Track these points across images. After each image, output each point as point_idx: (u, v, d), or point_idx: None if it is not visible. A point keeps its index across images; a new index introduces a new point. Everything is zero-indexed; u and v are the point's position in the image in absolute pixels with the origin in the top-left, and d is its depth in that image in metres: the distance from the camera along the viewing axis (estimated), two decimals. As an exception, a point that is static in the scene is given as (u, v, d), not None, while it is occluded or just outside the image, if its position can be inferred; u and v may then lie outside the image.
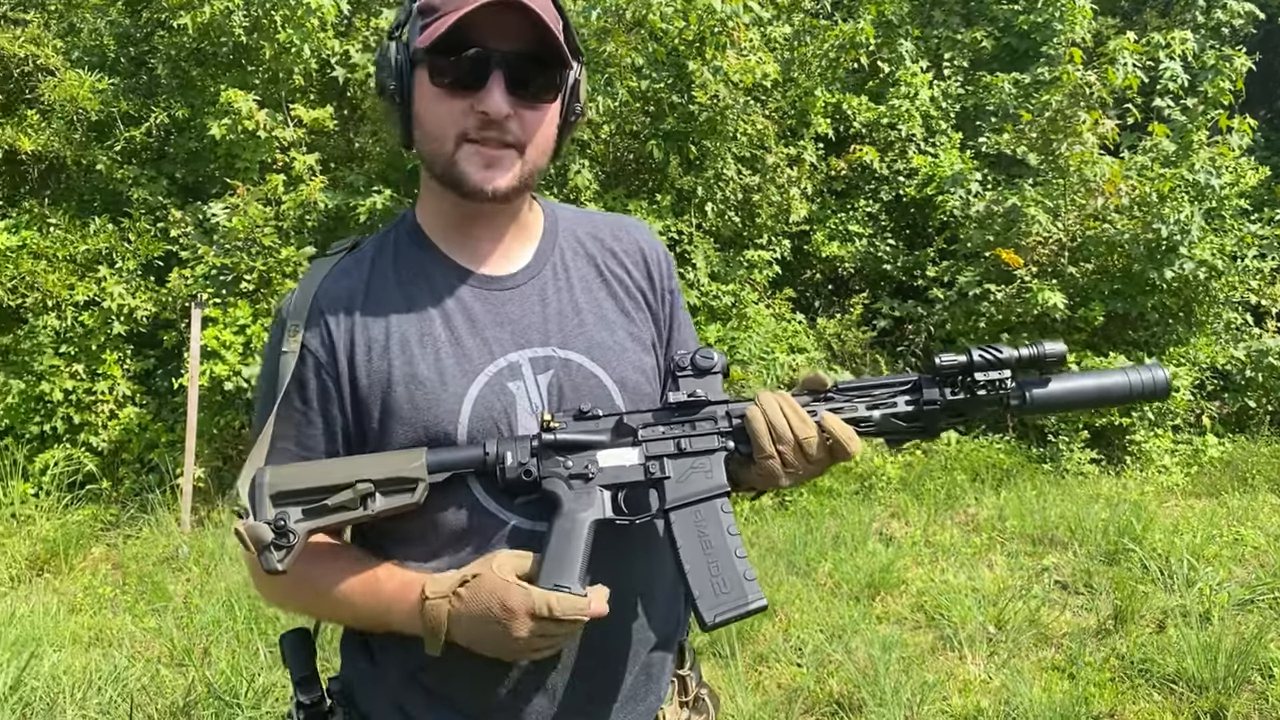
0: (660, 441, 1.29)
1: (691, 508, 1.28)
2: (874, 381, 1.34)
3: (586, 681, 1.33)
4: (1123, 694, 3.70)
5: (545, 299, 1.37)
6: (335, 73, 6.94)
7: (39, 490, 6.39)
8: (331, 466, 1.24)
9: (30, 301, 6.47)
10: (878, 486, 6.50)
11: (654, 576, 1.39)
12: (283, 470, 1.21)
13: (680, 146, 7.48)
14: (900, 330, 8.53)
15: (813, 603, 4.66)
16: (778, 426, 1.26)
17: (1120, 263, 7.54)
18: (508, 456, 1.24)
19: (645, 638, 1.38)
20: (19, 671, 3.75)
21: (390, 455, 1.24)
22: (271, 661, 3.98)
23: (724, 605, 1.26)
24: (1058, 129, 7.62)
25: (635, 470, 1.28)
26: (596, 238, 1.47)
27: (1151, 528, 5.25)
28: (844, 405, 1.32)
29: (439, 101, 1.25)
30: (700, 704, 1.51)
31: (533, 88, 1.26)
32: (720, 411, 1.31)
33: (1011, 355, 1.31)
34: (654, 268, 1.48)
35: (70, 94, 6.64)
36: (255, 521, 1.16)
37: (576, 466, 1.26)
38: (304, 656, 1.35)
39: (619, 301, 1.43)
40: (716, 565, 1.28)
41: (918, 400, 1.32)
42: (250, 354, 6.32)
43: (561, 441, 1.25)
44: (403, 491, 1.22)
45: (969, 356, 1.31)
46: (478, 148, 1.26)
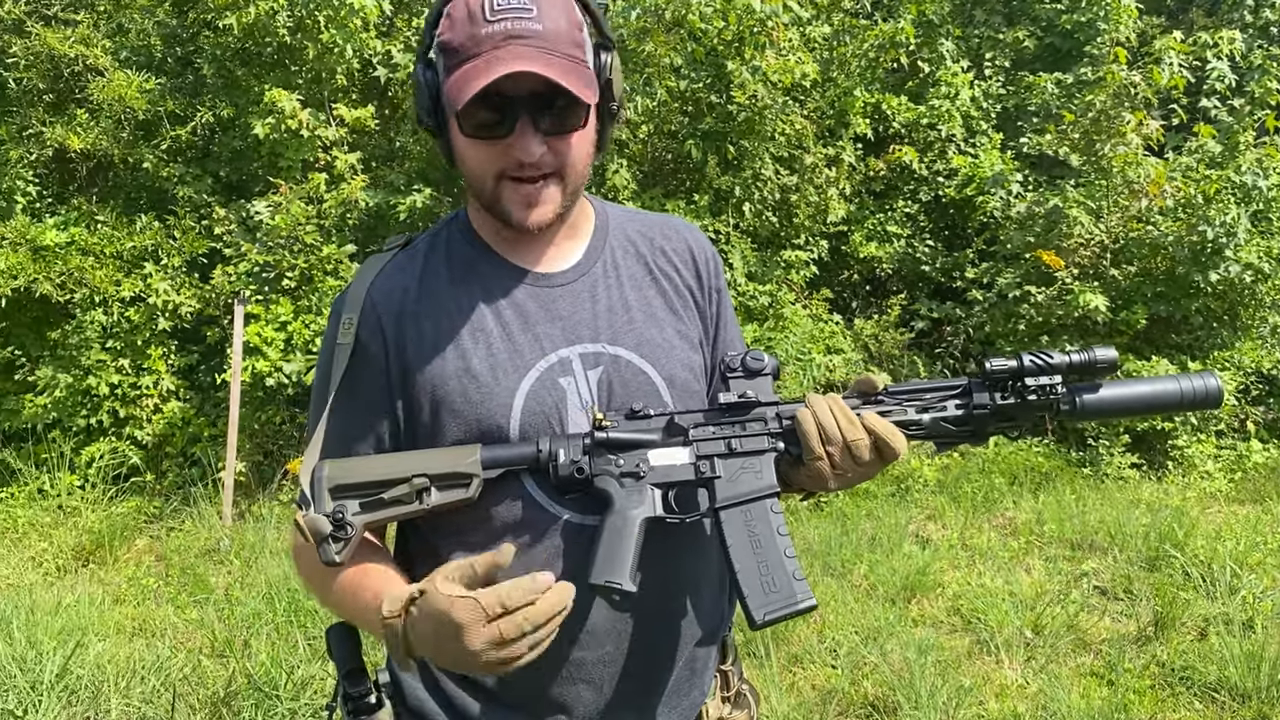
0: (711, 441, 1.30)
1: (741, 507, 1.29)
2: (924, 385, 1.34)
3: (632, 676, 1.34)
4: (1163, 701, 3.66)
5: (596, 295, 1.39)
6: (377, 72, 7.00)
7: (85, 482, 6.51)
8: (388, 461, 1.26)
9: (78, 297, 6.58)
10: (914, 489, 6.46)
11: (701, 573, 1.40)
12: (341, 464, 1.24)
13: (718, 146, 7.47)
14: (938, 332, 8.47)
15: (848, 604, 4.64)
16: (827, 428, 1.26)
17: (1164, 265, 7.43)
18: (560, 454, 1.26)
19: (691, 633, 1.40)
20: (65, 660, 3.82)
21: (446, 451, 1.27)
22: (310, 654, 4.03)
23: (773, 604, 1.26)
24: (1101, 129, 7.52)
25: (686, 469, 1.29)
26: (646, 236, 1.48)
27: (1194, 534, 5.18)
28: (893, 409, 1.32)
29: (473, 147, 1.27)
30: (741, 699, 1.52)
31: (561, 122, 1.26)
32: (770, 413, 1.31)
33: (1062, 360, 1.31)
34: (702, 267, 1.50)
35: (118, 93, 6.75)
36: (314, 514, 1.19)
37: (628, 465, 1.27)
38: (351, 649, 1.36)
39: (668, 299, 1.44)
40: (766, 565, 1.28)
41: (967, 405, 1.32)
42: (291, 350, 6.39)
43: (613, 440, 1.26)
44: (457, 487, 1.24)
45: (1019, 361, 1.30)
46: (518, 186, 1.28)
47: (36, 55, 6.86)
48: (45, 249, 6.57)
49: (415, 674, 1.38)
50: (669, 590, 1.34)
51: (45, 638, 4.09)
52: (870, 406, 1.32)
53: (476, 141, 1.26)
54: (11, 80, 7.06)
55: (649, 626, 1.33)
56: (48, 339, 6.80)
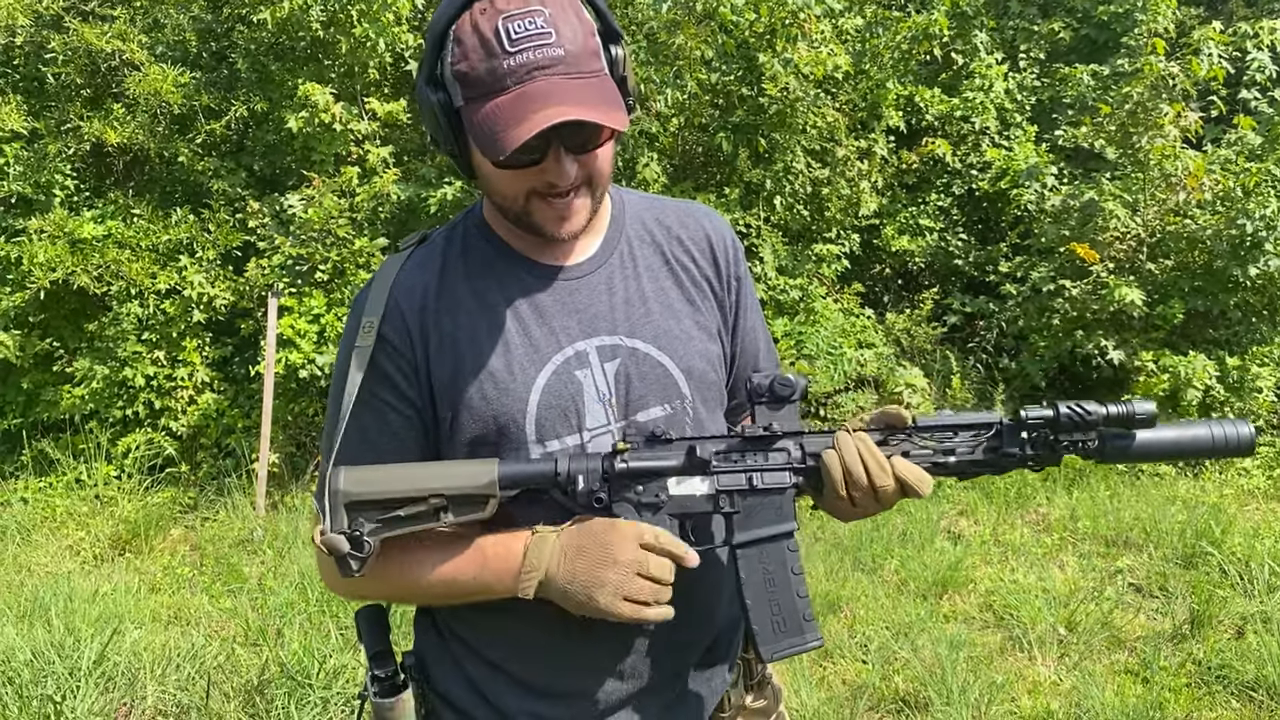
0: (732, 474, 1.28)
1: (758, 546, 1.29)
2: (953, 421, 1.32)
3: (653, 664, 1.35)
4: (1199, 700, 3.61)
5: (612, 288, 1.38)
6: (409, 66, 7.03)
7: (121, 473, 6.59)
8: (404, 475, 1.24)
9: (115, 289, 6.66)
10: (946, 484, 6.41)
11: (725, 566, 1.39)
12: (357, 475, 1.23)
13: (749, 139, 7.44)
14: (971, 326, 8.39)
15: (878, 600, 4.62)
16: (854, 474, 1.24)
17: (1201, 259, 7.32)
18: (579, 480, 1.24)
19: (712, 623, 1.41)
20: (102, 647, 3.87)
21: (463, 467, 1.25)
22: (343, 644, 4.06)
23: (781, 644, 1.29)
24: (1138, 122, 7.42)
25: (705, 501, 1.28)
26: (663, 224, 1.46)
27: (1231, 531, 5.10)
28: (919, 450, 1.30)
29: (503, 174, 1.24)
30: (765, 686, 1.52)
31: (591, 140, 1.24)
32: (794, 447, 1.29)
33: (1099, 414, 1.28)
34: (720, 254, 1.47)
35: (154, 88, 6.82)
36: (332, 534, 1.18)
37: (647, 495, 1.26)
38: (379, 632, 1.39)
39: (685, 290, 1.42)
40: (778, 605, 1.29)
41: (997, 449, 1.30)
42: (324, 343, 6.44)
43: (633, 470, 1.25)
44: (474, 507, 1.23)
45: (1056, 412, 1.28)
46: (549, 203, 1.26)
47: (74, 51, 6.95)
48: (83, 242, 6.66)
49: (440, 657, 1.40)
50: (691, 579, 1.34)
51: (83, 625, 4.16)
52: (896, 443, 1.30)
53: (505, 174, 1.24)
54: (50, 75, 7.15)
55: (673, 619, 1.32)
56: (85, 331, 6.89)
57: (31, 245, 6.50)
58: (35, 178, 6.94)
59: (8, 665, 3.69)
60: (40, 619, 4.28)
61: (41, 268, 6.41)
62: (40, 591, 4.63)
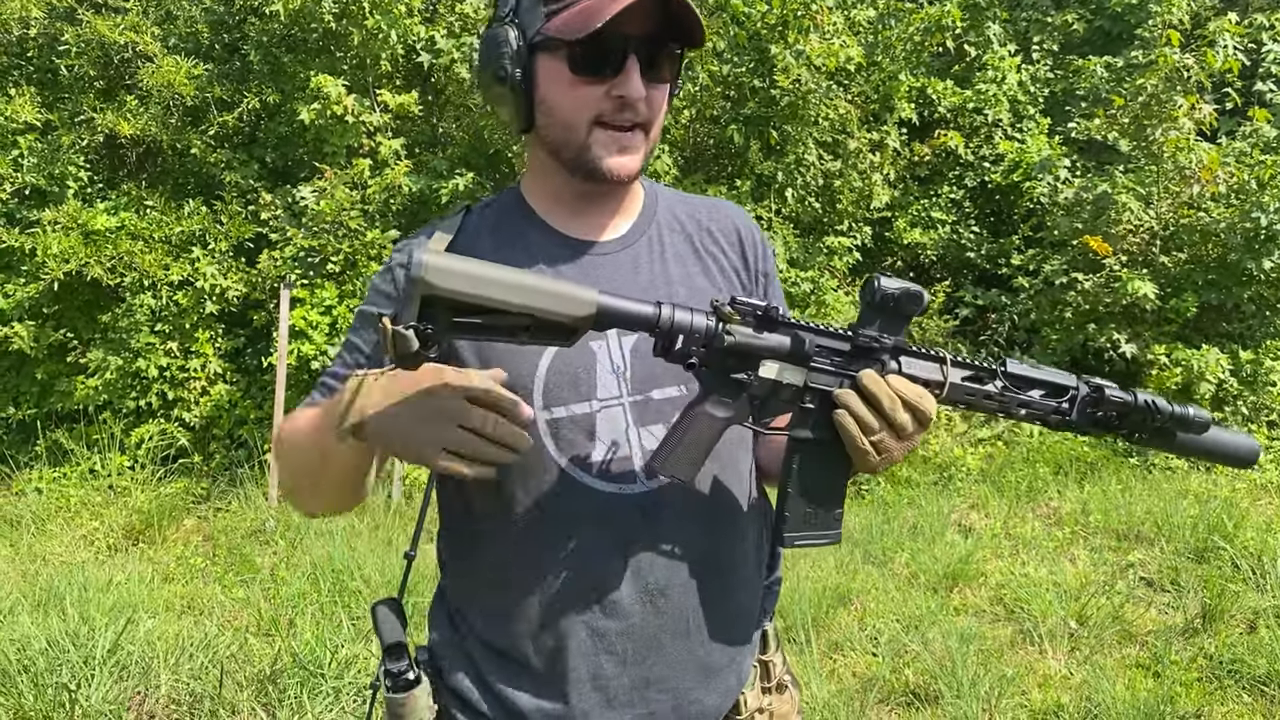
0: (827, 375, 1.24)
1: (822, 445, 1.26)
2: (1036, 375, 1.32)
3: (663, 653, 1.33)
4: (1210, 694, 3.60)
5: (638, 267, 1.38)
6: (420, 58, 7.03)
7: (135, 463, 6.62)
8: (497, 279, 1.09)
9: (128, 281, 6.68)
10: (957, 477, 6.41)
11: (738, 554, 1.39)
12: (444, 265, 1.06)
13: (761, 131, 7.43)
14: (983, 319, 8.37)
15: (889, 592, 4.62)
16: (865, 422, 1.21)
17: (1215, 252, 7.29)
18: (679, 338, 1.18)
19: (727, 613, 1.38)
20: (116, 636, 3.90)
21: (562, 286, 1.13)
22: (354, 634, 4.08)
23: (805, 534, 1.28)
24: (1152, 114, 7.38)
25: (789, 391, 1.24)
26: (694, 217, 1.48)
27: (1243, 525, 5.09)
28: (998, 394, 1.30)
29: (574, 88, 1.25)
30: (783, 689, 1.51)
31: (659, 71, 1.27)
32: (891, 362, 1.25)
33: (1167, 413, 1.33)
34: (749, 249, 1.48)
35: (167, 79, 6.84)
36: (403, 329, 1.06)
37: (738, 369, 1.22)
38: (393, 625, 1.37)
39: (711, 278, 1.43)
40: (815, 501, 1.28)
41: (1064, 414, 1.33)
42: (336, 334, 6.46)
43: (736, 344, 1.20)
44: (560, 336, 1.13)
45: (1134, 400, 1.32)
46: (611, 133, 1.27)
47: (87, 43, 6.97)
48: (96, 233, 6.68)
49: (452, 650, 1.39)
50: (705, 563, 1.33)
51: (97, 614, 4.18)
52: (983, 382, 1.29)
53: (578, 82, 1.25)
54: (63, 67, 7.17)
55: (683, 602, 1.32)
56: (99, 322, 6.92)
57: (45, 237, 6.52)
58: (49, 169, 6.97)
59: (23, 654, 3.71)
60: (55, 608, 4.30)
61: (55, 259, 6.44)
62: (55, 581, 4.65)
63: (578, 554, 1.29)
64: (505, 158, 7.08)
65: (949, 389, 1.27)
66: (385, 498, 6.00)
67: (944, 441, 6.82)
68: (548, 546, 1.29)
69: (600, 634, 1.30)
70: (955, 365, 1.28)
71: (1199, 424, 1.33)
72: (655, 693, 1.33)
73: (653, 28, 1.23)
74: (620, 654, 1.31)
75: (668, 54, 1.27)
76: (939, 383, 1.26)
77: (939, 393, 1.26)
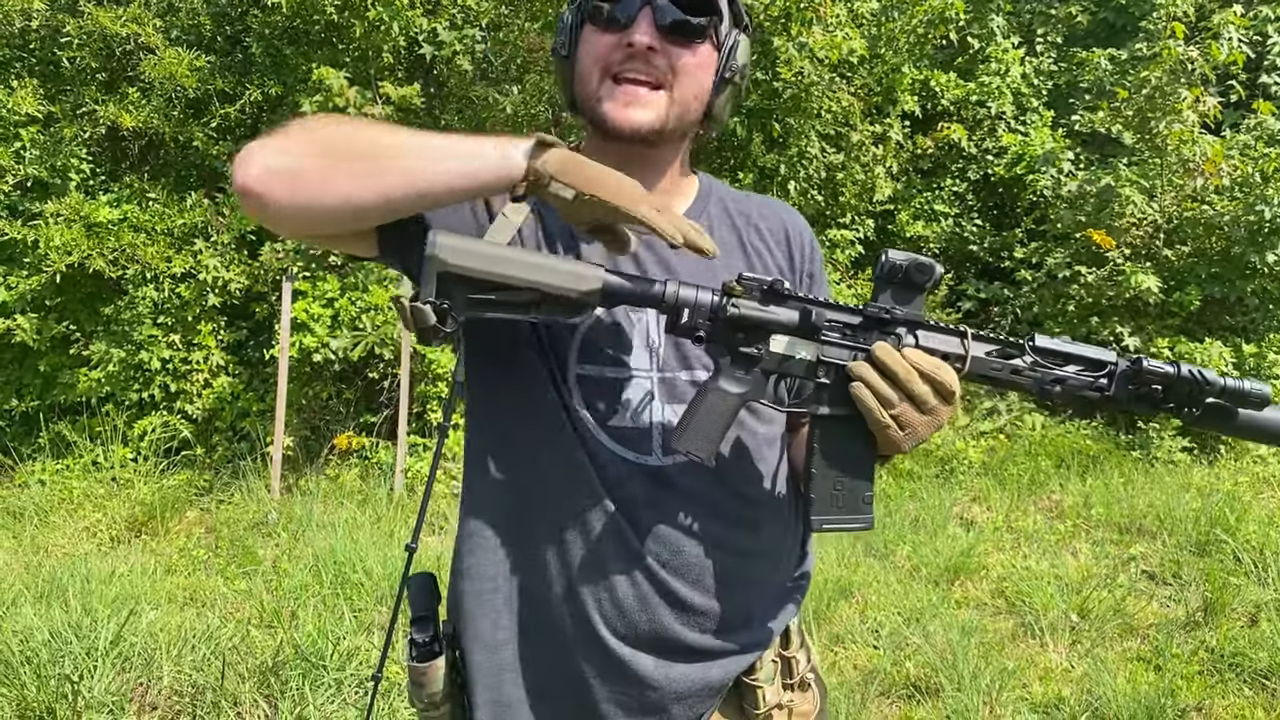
0: (839, 348, 1.24)
1: (843, 421, 1.25)
2: (1069, 350, 1.27)
3: (657, 624, 1.32)
4: (1211, 688, 3.60)
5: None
6: (423, 50, 7.02)
7: (138, 455, 6.63)
8: (507, 257, 1.17)
9: (130, 273, 6.68)
10: (959, 470, 6.40)
11: (749, 547, 1.38)
12: (455, 244, 1.14)
13: (764, 124, 7.41)
14: (986, 312, 8.37)
15: (890, 585, 4.62)
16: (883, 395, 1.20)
17: (1219, 245, 7.28)
18: (685, 312, 1.20)
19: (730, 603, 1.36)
20: (119, 628, 3.90)
21: (569, 265, 1.19)
22: (356, 626, 4.08)
23: (833, 517, 1.27)
24: (1156, 107, 7.36)
25: (802, 365, 1.24)
26: (744, 213, 1.49)
27: (1245, 519, 5.09)
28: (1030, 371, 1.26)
29: (593, 39, 1.30)
30: (805, 686, 1.49)
31: (681, 27, 1.28)
32: (907, 335, 1.24)
33: (1217, 385, 1.24)
34: (796, 249, 1.49)
35: (169, 71, 6.83)
36: (420, 304, 1.12)
37: (747, 344, 1.22)
38: (425, 598, 1.41)
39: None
40: (842, 482, 1.27)
41: (1103, 390, 1.26)
42: (338, 326, 6.46)
43: (742, 317, 1.21)
44: (568, 310, 1.19)
45: (1176, 371, 1.24)
46: (623, 87, 1.29)
47: (89, 34, 6.96)
48: (98, 225, 6.68)
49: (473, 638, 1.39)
50: (705, 554, 1.33)
51: (100, 606, 4.18)
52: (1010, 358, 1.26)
53: (596, 32, 1.30)
54: (65, 59, 7.17)
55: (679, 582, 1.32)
56: (101, 314, 6.92)
57: (47, 229, 6.52)
58: (51, 161, 6.96)
59: (26, 645, 3.72)
60: (58, 600, 4.31)
61: (57, 251, 6.44)
62: (58, 572, 4.66)
63: (587, 514, 1.30)
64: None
65: (971, 363, 1.25)
66: (387, 491, 6.01)
67: (945, 434, 6.82)
68: (557, 496, 1.30)
69: (599, 599, 1.30)
70: (977, 339, 1.26)
71: (1257, 398, 1.23)
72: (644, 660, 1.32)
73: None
74: (612, 621, 1.31)
75: (692, 13, 1.29)
76: (959, 355, 1.25)
77: (960, 366, 1.24)
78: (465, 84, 7.52)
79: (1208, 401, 1.25)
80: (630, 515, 1.29)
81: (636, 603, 1.31)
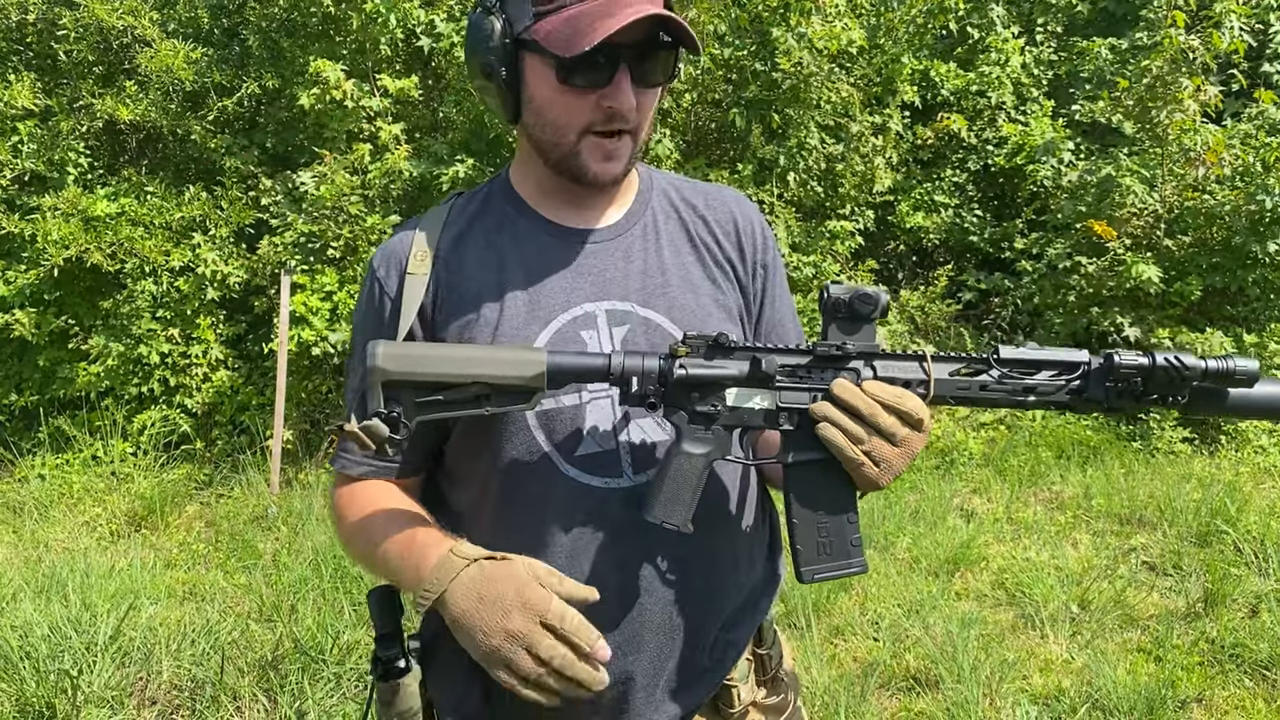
0: (796, 392, 1.22)
1: (815, 466, 1.23)
2: (1038, 356, 1.24)
3: (643, 650, 1.32)
4: (1212, 679, 3.60)
5: (630, 256, 1.37)
6: (420, 42, 6.99)
7: (137, 449, 6.64)
8: (447, 356, 1.18)
9: (129, 267, 6.68)
10: (959, 462, 6.40)
11: (725, 556, 1.38)
12: (394, 352, 1.15)
13: (763, 115, 7.39)
14: (986, 304, 8.35)
15: (890, 577, 4.62)
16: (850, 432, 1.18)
17: (1220, 235, 7.25)
18: (633, 381, 1.19)
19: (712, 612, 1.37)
20: (118, 622, 3.91)
21: (510, 353, 1.18)
22: (355, 620, 4.08)
23: (822, 566, 1.25)
24: (1156, 96, 7.33)
25: (763, 416, 1.23)
26: (690, 204, 1.45)
27: (1246, 510, 5.08)
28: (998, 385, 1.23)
29: (563, 96, 1.23)
30: (779, 684, 1.49)
31: (652, 75, 1.25)
32: (865, 369, 1.22)
33: (1197, 369, 1.20)
34: (746, 240, 1.45)
35: (165, 64, 6.81)
36: (371, 420, 1.12)
37: (702, 404, 1.21)
38: (387, 614, 1.38)
39: (706, 269, 1.41)
40: (826, 528, 1.25)
41: (1079, 391, 1.23)
42: (337, 320, 6.45)
43: (691, 377, 1.19)
44: (518, 398, 1.18)
45: (1151, 363, 1.20)
46: (600, 140, 1.26)
47: (85, 27, 6.95)
48: (96, 219, 6.67)
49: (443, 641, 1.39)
50: (687, 569, 1.32)
51: (99, 600, 4.19)
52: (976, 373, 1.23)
53: (569, 92, 1.23)
54: (62, 53, 7.15)
55: (663, 602, 1.31)
56: (100, 308, 6.91)
57: (45, 222, 6.51)
58: (49, 155, 6.96)
59: (25, 640, 3.72)
60: (57, 594, 4.31)
61: (55, 245, 6.43)
62: (57, 567, 4.66)
63: (563, 547, 1.29)
64: (506, 143, 7.05)
65: (936, 385, 1.23)
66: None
67: (946, 426, 6.81)
68: (533, 539, 1.28)
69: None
70: (938, 360, 1.24)
71: (1244, 375, 1.19)
72: (634, 690, 1.33)
73: (644, 36, 1.20)
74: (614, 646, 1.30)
75: (663, 61, 1.25)
76: (922, 381, 1.23)
77: (924, 391, 1.22)
78: (463, 77, 7.50)
79: (1193, 386, 1.22)
80: (607, 543, 1.29)
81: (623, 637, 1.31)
